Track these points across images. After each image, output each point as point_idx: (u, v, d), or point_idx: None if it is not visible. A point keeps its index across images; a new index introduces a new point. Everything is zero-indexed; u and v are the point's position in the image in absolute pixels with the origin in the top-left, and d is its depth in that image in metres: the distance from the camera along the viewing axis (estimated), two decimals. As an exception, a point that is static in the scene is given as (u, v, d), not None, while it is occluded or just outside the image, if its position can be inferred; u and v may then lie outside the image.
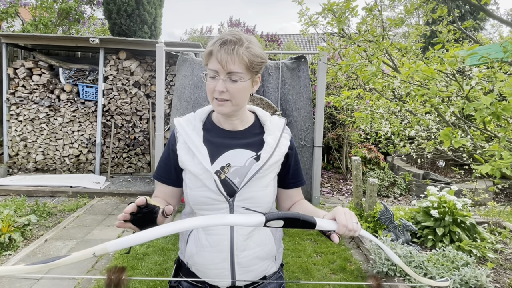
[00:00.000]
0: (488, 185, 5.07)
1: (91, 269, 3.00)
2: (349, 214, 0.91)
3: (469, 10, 9.06)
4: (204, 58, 1.04)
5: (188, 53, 4.80)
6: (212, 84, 1.01)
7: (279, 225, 0.85)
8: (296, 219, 0.86)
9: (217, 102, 1.02)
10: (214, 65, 0.99)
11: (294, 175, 1.17)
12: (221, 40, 0.99)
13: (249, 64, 1.00)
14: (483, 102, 1.49)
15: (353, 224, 0.90)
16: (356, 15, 2.30)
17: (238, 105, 1.04)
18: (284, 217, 0.85)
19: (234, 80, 1.00)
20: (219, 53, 0.97)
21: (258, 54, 1.01)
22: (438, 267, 2.62)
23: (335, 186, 5.95)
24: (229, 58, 0.97)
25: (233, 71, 0.98)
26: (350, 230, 0.89)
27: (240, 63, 0.98)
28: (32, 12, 8.31)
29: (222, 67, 0.98)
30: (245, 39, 1.00)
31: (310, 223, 0.87)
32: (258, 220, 0.82)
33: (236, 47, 0.98)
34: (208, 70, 1.02)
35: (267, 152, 1.06)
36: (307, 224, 0.87)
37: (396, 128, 2.82)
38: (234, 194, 1.03)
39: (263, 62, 1.04)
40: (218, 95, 1.00)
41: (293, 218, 0.85)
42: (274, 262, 1.15)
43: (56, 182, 5.31)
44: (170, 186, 1.14)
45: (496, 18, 2.15)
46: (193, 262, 1.10)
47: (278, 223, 0.84)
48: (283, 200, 1.20)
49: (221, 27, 11.19)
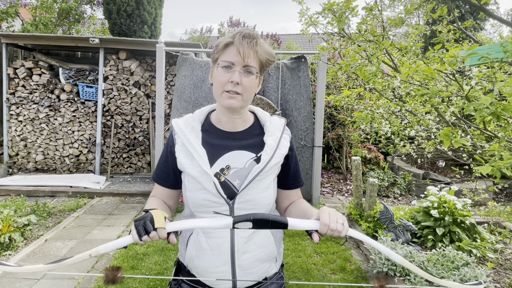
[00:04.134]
0: (488, 185, 5.07)
1: (91, 269, 3.00)
2: (334, 214, 0.91)
3: (469, 10, 9.06)
4: (217, 50, 1.03)
5: (188, 53, 4.80)
6: (226, 76, 1.00)
7: (248, 227, 0.86)
8: (265, 220, 0.86)
9: (228, 95, 1.01)
10: (231, 56, 0.99)
11: (294, 176, 1.16)
12: (242, 33, 0.99)
13: (264, 61, 1.02)
14: (483, 102, 1.49)
15: (337, 224, 0.89)
16: (356, 15, 2.30)
17: (246, 100, 1.04)
18: (252, 219, 0.85)
19: (249, 73, 1.00)
20: (241, 45, 0.98)
21: (271, 54, 1.04)
22: (438, 267, 2.61)
23: (335, 186, 5.95)
24: (251, 52, 0.98)
25: (249, 65, 0.99)
26: (333, 230, 0.89)
27: (257, 58, 1.00)
28: (32, 12, 8.30)
29: (242, 59, 0.98)
30: (259, 37, 1.02)
31: (281, 223, 0.87)
32: (225, 222, 0.85)
33: (257, 41, 1.00)
34: (221, 61, 1.01)
35: (267, 154, 1.05)
36: (278, 225, 0.87)
37: (396, 128, 2.82)
38: (234, 196, 1.02)
39: (274, 61, 1.06)
40: (232, 87, 0.99)
41: (262, 219, 0.86)
42: (275, 263, 1.15)
43: (56, 182, 5.31)
44: (168, 188, 1.14)
45: (496, 18, 2.15)
46: (193, 265, 1.09)
47: (246, 224, 0.85)
48: (282, 200, 1.20)
49: (221, 27, 11.17)
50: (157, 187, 1.15)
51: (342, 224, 0.90)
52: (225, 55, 1.00)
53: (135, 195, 5.13)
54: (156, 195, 1.15)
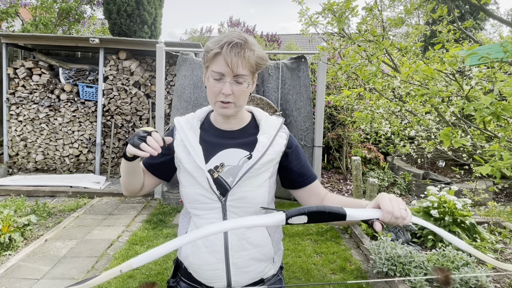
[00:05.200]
0: (488, 185, 5.07)
1: (91, 269, 3.00)
2: (396, 200, 0.84)
3: (469, 10, 9.06)
4: (207, 59, 1.02)
5: (188, 53, 4.80)
6: (217, 87, 1.00)
7: (303, 221, 0.78)
8: (321, 212, 0.79)
9: (221, 105, 1.02)
10: (221, 67, 0.98)
11: (300, 173, 1.13)
12: (229, 42, 0.97)
13: (255, 66, 1.01)
14: (483, 102, 1.49)
15: (401, 210, 0.82)
16: (356, 15, 2.31)
17: (240, 106, 1.05)
18: (307, 212, 0.78)
19: (239, 83, 1.00)
20: (229, 56, 0.96)
21: (262, 57, 1.02)
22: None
23: (335, 186, 5.95)
24: (239, 61, 0.97)
25: (240, 74, 0.98)
26: (397, 217, 0.82)
27: (247, 66, 0.99)
28: (32, 12, 8.31)
29: (231, 70, 0.97)
30: (250, 41, 1.00)
31: (339, 214, 0.79)
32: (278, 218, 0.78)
33: (245, 50, 0.97)
34: (211, 72, 1.00)
35: (258, 151, 1.05)
36: (335, 216, 0.80)
37: (396, 128, 2.82)
38: (226, 193, 1.03)
39: (266, 63, 1.05)
40: (224, 98, 1.00)
41: (317, 212, 0.79)
42: (272, 264, 1.14)
43: (56, 182, 5.31)
44: (150, 174, 1.17)
45: (496, 18, 2.15)
46: (189, 263, 1.10)
47: (301, 218, 0.78)
48: (305, 201, 1.15)
49: (221, 27, 11.18)
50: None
51: (405, 210, 0.83)
52: (215, 66, 0.99)
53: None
54: None
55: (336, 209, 0.80)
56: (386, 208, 0.82)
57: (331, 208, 0.80)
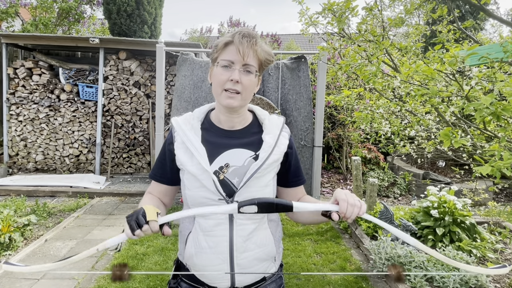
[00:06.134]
0: (488, 185, 5.07)
1: (91, 268, 3.00)
2: (350, 193, 0.94)
3: (469, 10, 9.06)
4: (217, 49, 1.04)
5: (188, 53, 4.80)
6: (225, 75, 1.01)
7: (253, 211, 0.89)
8: (270, 203, 0.90)
9: (228, 94, 1.01)
10: (231, 55, 1.01)
11: (295, 173, 1.16)
12: (241, 33, 1.01)
13: (263, 60, 1.04)
14: (483, 102, 1.49)
15: (355, 200, 0.92)
16: (356, 15, 2.30)
17: (246, 99, 1.05)
18: (257, 202, 0.89)
19: (249, 71, 1.02)
20: (241, 44, 0.99)
21: (270, 53, 1.06)
22: (438, 267, 2.62)
23: (335, 186, 5.95)
24: (250, 51, 1.00)
25: (249, 64, 1.01)
26: (352, 204, 0.91)
27: (256, 57, 1.02)
28: (32, 12, 8.31)
29: (241, 58, 0.99)
30: (258, 37, 1.04)
31: (286, 205, 0.91)
32: (230, 207, 0.90)
33: (256, 41, 1.02)
34: (220, 60, 1.02)
35: (265, 152, 1.05)
36: (283, 207, 0.91)
37: (396, 128, 2.82)
38: (233, 194, 1.02)
39: (272, 61, 1.08)
40: (232, 85, 1.00)
41: (267, 203, 0.89)
42: (274, 262, 1.15)
43: (56, 182, 5.31)
44: (165, 185, 1.15)
45: (496, 18, 2.15)
46: (192, 263, 1.09)
47: (252, 208, 0.89)
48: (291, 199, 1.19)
49: (221, 27, 11.17)
50: (154, 183, 1.17)
51: (359, 201, 0.93)
52: (225, 54, 1.02)
53: (135, 195, 5.13)
54: (152, 192, 1.17)
55: (283, 201, 0.91)
56: (341, 197, 0.93)
57: (280, 201, 0.91)
